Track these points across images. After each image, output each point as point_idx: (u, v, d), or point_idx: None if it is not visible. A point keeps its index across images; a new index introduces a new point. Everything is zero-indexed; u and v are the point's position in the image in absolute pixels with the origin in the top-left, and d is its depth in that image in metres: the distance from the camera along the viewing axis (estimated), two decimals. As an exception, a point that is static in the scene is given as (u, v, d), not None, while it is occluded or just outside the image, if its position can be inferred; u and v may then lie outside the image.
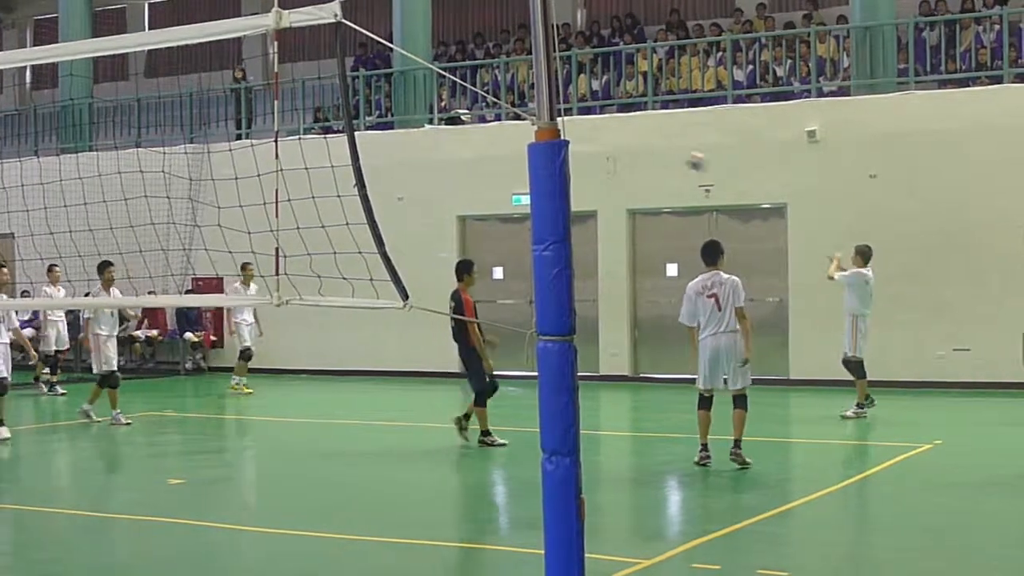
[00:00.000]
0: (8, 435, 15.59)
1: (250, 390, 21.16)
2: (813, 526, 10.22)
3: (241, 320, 21.67)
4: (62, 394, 21.60)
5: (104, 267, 16.74)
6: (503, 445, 14.18)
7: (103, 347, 17.10)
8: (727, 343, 12.18)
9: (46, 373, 21.98)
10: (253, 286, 18.80)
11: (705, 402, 12.47)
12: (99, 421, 16.66)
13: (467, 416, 14.72)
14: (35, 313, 23.76)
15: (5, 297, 16.72)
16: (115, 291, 16.36)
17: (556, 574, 4.88)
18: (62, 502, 11.99)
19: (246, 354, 21.50)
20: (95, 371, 17.23)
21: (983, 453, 13.39)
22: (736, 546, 9.39)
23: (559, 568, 4.89)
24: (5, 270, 17.13)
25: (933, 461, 12.66)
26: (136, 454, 14.92)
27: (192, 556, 9.44)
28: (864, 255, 16.28)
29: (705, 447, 12.31)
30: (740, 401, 12.35)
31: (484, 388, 14.60)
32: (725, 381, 12.31)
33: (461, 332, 14.88)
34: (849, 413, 16.11)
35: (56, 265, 16.20)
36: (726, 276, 12.28)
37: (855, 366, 16.25)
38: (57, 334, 22.47)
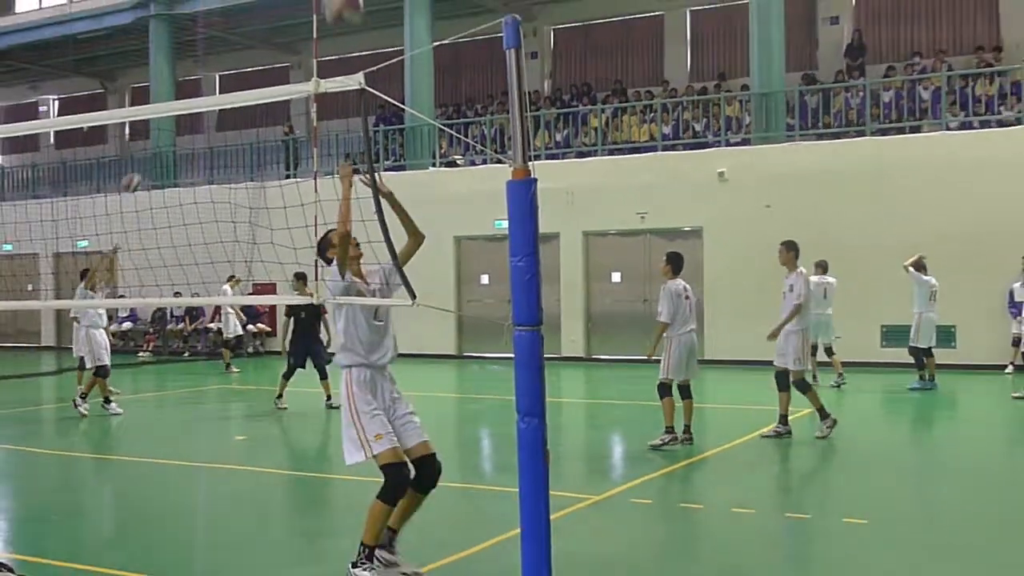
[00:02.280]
0: (120, 411, 15.08)
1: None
2: (724, 469, 10.26)
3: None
4: (235, 372, 21.32)
5: (86, 273, 16.63)
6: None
7: (101, 341, 15.65)
8: (696, 341, 11.29)
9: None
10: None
11: (668, 390, 11.08)
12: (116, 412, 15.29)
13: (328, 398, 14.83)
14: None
15: (102, 296, 16.39)
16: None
17: (528, 506, 4.90)
18: (156, 454, 11.96)
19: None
20: (89, 364, 15.57)
21: (848, 413, 13.48)
22: (664, 486, 9.44)
23: (530, 502, 4.91)
24: (98, 272, 16.83)
25: (815, 420, 12.69)
26: (210, 417, 14.87)
27: (252, 493, 9.43)
28: (919, 266, 16.25)
29: (671, 429, 10.96)
30: (688, 391, 11.28)
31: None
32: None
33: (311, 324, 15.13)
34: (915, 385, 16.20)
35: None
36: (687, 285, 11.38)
37: (914, 352, 16.38)
38: (232, 324, 22.26)
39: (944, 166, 19.11)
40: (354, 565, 6.00)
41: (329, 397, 14.87)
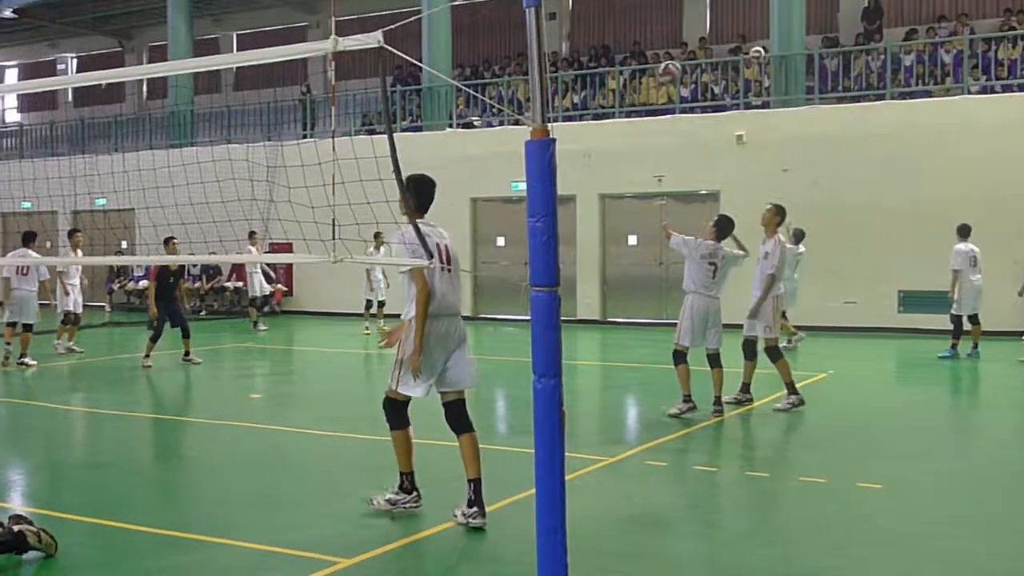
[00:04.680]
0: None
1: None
2: (738, 434, 10.26)
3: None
4: (263, 330, 21.40)
5: (72, 233, 17.29)
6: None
7: (73, 293, 17.04)
8: (715, 308, 10.95)
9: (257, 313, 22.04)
10: (383, 249, 16.41)
11: (683, 357, 10.81)
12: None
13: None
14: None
15: (81, 254, 16.82)
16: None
17: (544, 467, 4.89)
18: (174, 411, 12.03)
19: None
20: (61, 311, 17.07)
21: (864, 380, 13.46)
22: (679, 449, 9.44)
23: (545, 462, 4.90)
24: (79, 235, 17.22)
25: (829, 386, 12.66)
26: (225, 376, 14.93)
27: (268, 451, 9.48)
28: (962, 233, 15.86)
29: (688, 398, 10.73)
30: (717, 360, 10.92)
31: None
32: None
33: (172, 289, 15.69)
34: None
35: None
36: (728, 251, 11.07)
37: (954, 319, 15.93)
38: (260, 283, 22.27)
39: (964, 130, 18.90)
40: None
41: (188, 353, 15.54)
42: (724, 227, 11.17)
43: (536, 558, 4.90)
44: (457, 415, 6.86)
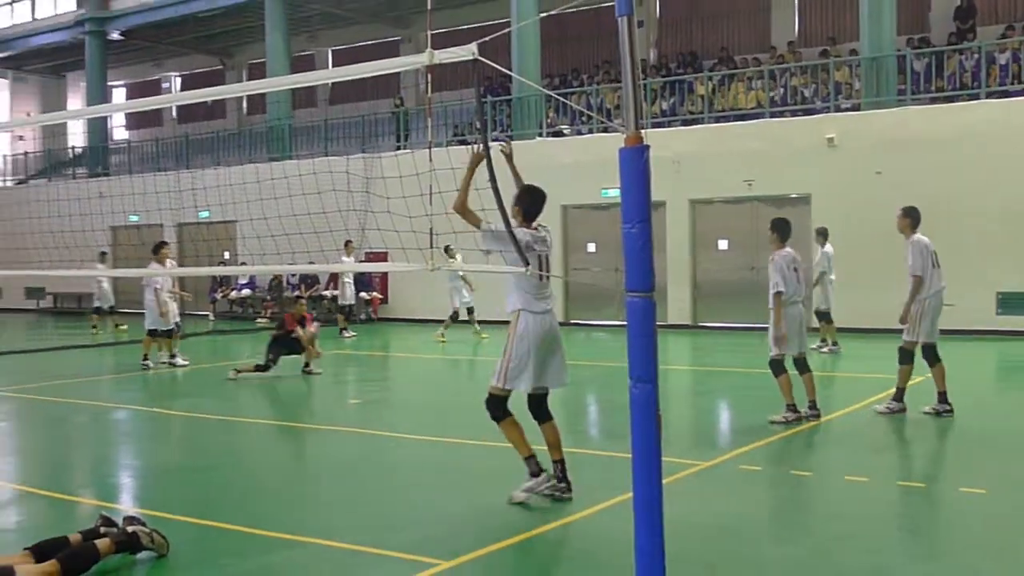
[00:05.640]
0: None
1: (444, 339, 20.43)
2: (836, 438, 10.05)
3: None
4: (351, 336, 21.69)
5: (160, 246, 16.84)
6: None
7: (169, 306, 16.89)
8: (804, 312, 10.73)
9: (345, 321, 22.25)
10: (458, 257, 16.69)
11: (782, 366, 10.39)
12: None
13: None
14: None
15: (171, 265, 16.86)
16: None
17: (641, 472, 4.84)
18: (275, 416, 12.21)
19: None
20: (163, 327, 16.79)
21: (965, 382, 13.09)
22: (774, 454, 9.29)
23: (643, 467, 4.85)
24: (165, 249, 17.37)
25: (930, 387, 12.34)
26: (324, 380, 15.07)
27: (365, 454, 9.57)
28: None
29: (793, 406, 10.34)
30: (805, 364, 10.63)
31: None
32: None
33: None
34: None
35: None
36: (798, 255, 10.71)
37: None
38: (350, 291, 22.44)
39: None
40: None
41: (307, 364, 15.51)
42: (782, 229, 10.66)
43: (634, 561, 4.85)
44: (542, 406, 7.38)
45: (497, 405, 7.28)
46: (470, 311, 20.72)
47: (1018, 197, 18.27)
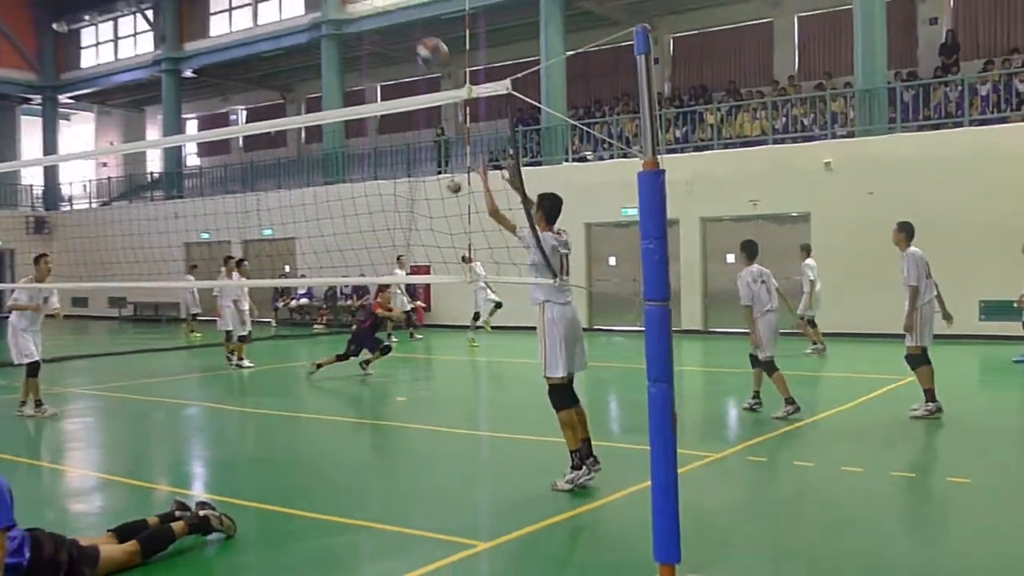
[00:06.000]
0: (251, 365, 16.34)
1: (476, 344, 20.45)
2: (835, 432, 9.97)
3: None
4: (395, 342, 21.42)
5: (235, 261, 17.37)
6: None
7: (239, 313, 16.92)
8: (778, 319, 10.84)
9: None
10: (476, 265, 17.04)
11: (774, 366, 10.55)
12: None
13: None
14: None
15: (237, 277, 16.90)
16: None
17: (659, 462, 4.83)
18: (330, 412, 12.25)
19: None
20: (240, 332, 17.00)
21: (951, 382, 12.94)
22: (778, 446, 9.22)
23: (660, 458, 4.84)
24: (246, 264, 17.47)
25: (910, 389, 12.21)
26: (374, 379, 15.12)
27: (411, 446, 9.58)
28: None
29: (791, 400, 10.37)
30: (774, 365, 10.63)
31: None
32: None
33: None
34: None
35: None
36: (765, 269, 10.90)
37: None
38: (402, 301, 22.13)
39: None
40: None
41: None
42: (749, 249, 10.99)
43: (652, 541, 4.84)
44: (573, 392, 7.40)
45: (560, 394, 7.25)
46: (498, 305, 20.86)
47: (998, 214, 18.09)
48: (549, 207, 7.40)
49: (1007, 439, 9.64)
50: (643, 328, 5.00)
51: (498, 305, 20.97)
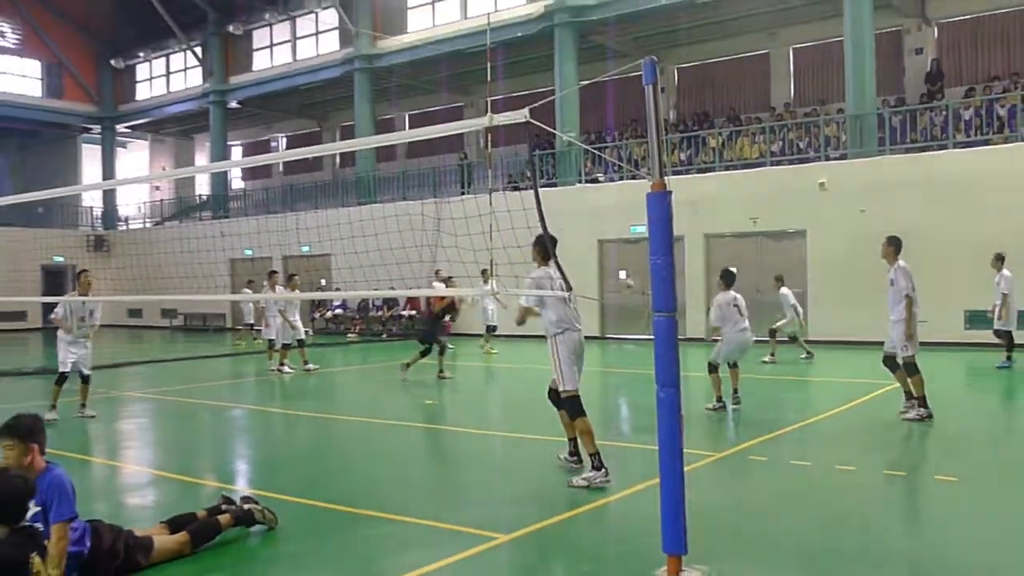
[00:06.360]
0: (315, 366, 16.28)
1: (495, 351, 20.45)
2: (829, 434, 9.90)
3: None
4: (451, 348, 21.44)
5: (272, 274, 17.66)
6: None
7: (274, 324, 17.06)
8: (748, 338, 11.41)
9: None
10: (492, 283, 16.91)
11: (715, 368, 11.33)
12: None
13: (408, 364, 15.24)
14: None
15: (280, 290, 16.99)
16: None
17: (667, 460, 4.82)
18: (364, 414, 12.25)
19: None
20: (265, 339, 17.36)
21: (941, 386, 12.82)
22: (777, 446, 9.16)
23: (668, 457, 4.83)
24: (296, 278, 17.45)
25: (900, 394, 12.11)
26: (403, 384, 15.12)
27: (438, 446, 9.57)
28: (1000, 259, 15.22)
29: (721, 399, 11.19)
30: (736, 364, 11.65)
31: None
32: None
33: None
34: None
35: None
36: (739, 295, 11.49)
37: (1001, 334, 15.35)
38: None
39: (1019, 173, 18.01)
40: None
41: (442, 370, 15.52)
42: (727, 278, 11.58)
43: (661, 533, 4.82)
44: (580, 405, 7.53)
45: (577, 404, 7.41)
46: (490, 329, 20.91)
47: (981, 229, 17.96)
48: (550, 245, 7.37)
49: (990, 440, 9.55)
50: (652, 337, 4.99)
51: (491, 329, 20.85)
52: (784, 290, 17.05)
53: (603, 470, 7.20)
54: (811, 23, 25.33)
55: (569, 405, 7.46)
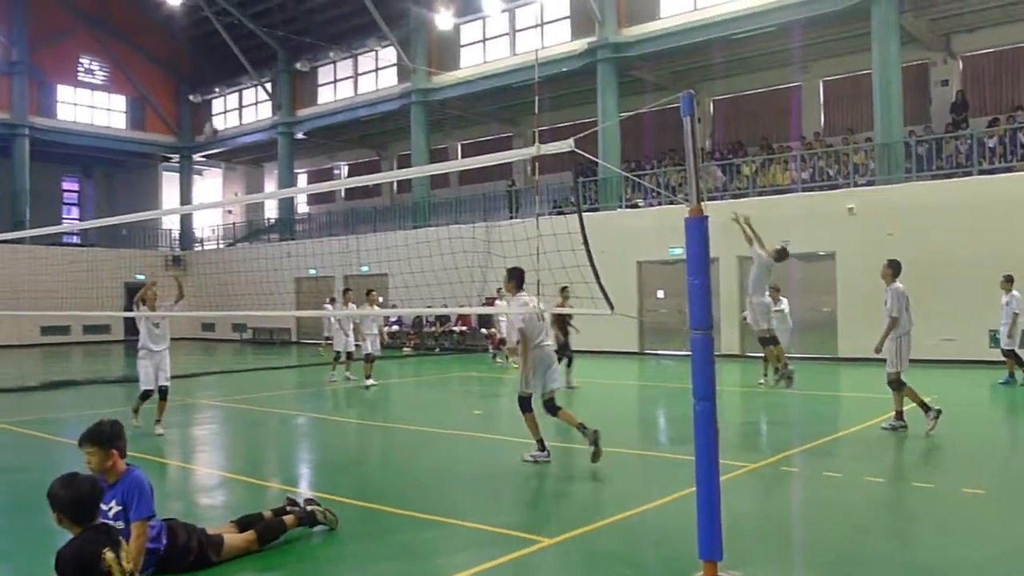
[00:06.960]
0: (374, 383, 16.13)
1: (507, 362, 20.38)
2: (859, 447, 9.70)
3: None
4: (500, 363, 21.33)
5: (345, 292, 17.83)
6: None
7: (351, 336, 17.26)
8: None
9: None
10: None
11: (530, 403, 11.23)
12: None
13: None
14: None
15: (378, 308, 17.07)
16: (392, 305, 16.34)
17: (703, 471, 4.76)
18: (418, 423, 12.28)
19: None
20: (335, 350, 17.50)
21: (964, 404, 12.52)
22: (809, 458, 9.00)
23: (704, 467, 4.77)
24: (375, 293, 17.59)
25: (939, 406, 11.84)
26: (454, 395, 15.16)
27: (488, 453, 9.56)
28: (1009, 280, 14.94)
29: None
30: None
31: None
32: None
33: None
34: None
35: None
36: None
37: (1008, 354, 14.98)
38: (504, 328, 22.16)
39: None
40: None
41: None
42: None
43: (697, 539, 4.75)
44: (553, 405, 8.65)
45: (524, 403, 8.64)
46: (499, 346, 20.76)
47: (1004, 252, 17.54)
48: (523, 278, 8.13)
49: (1018, 454, 9.28)
50: (689, 353, 4.95)
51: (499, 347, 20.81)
52: (773, 304, 16.38)
53: (546, 451, 8.51)
54: (841, 56, 25.06)
55: (521, 402, 8.66)
